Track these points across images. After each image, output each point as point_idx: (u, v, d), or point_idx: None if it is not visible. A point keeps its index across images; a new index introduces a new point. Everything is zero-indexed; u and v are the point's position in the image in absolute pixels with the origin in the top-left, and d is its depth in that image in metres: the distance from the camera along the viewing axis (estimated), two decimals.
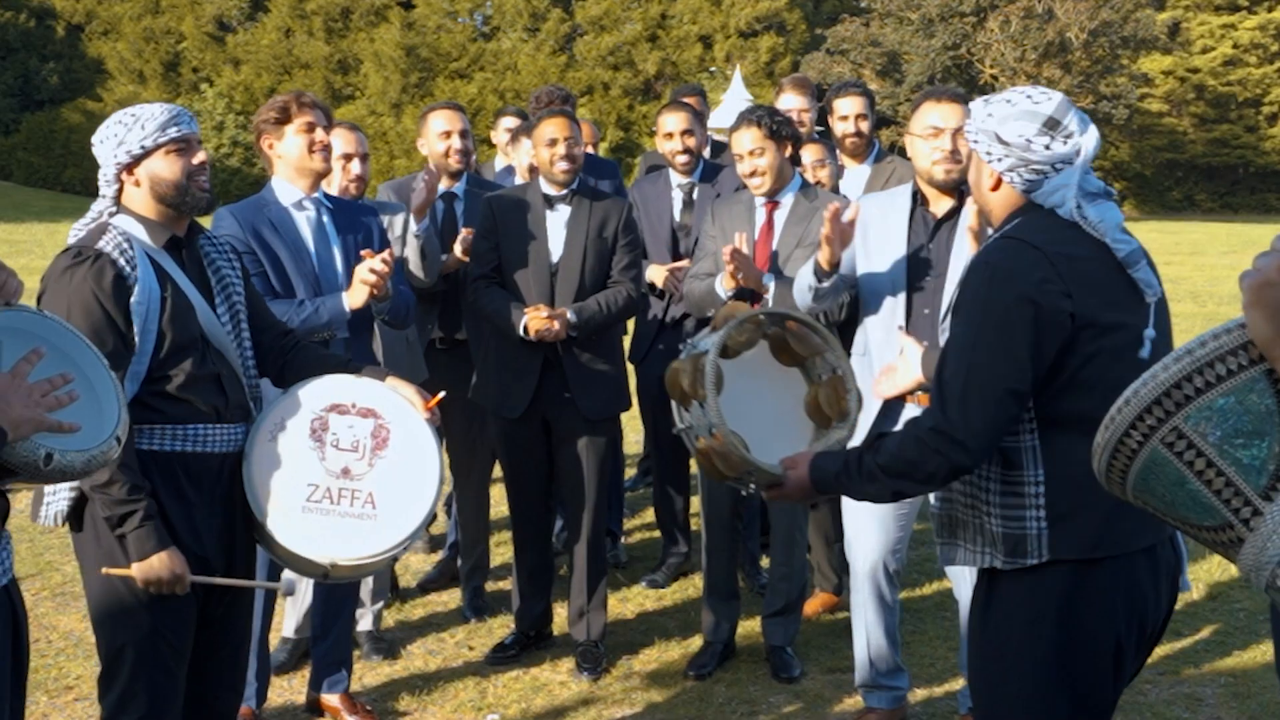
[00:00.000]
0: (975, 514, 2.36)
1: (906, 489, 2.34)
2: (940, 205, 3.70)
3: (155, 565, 2.75)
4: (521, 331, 4.24)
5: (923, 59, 37.44)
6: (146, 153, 2.84)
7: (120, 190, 2.90)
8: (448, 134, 4.94)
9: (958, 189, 3.68)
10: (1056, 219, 2.29)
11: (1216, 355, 1.50)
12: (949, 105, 3.63)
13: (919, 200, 3.74)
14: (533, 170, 5.12)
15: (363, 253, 3.79)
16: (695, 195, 5.24)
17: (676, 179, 5.31)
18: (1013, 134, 2.32)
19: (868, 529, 3.86)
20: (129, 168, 2.87)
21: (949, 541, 2.45)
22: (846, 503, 3.93)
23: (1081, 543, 2.26)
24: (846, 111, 5.24)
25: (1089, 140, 2.32)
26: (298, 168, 3.81)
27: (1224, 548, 1.53)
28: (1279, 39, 43.45)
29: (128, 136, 2.84)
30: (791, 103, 5.53)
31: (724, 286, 4.17)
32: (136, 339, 2.78)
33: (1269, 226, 34.33)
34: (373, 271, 3.70)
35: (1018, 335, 2.18)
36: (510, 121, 5.95)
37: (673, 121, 5.28)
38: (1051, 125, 2.31)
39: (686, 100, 5.75)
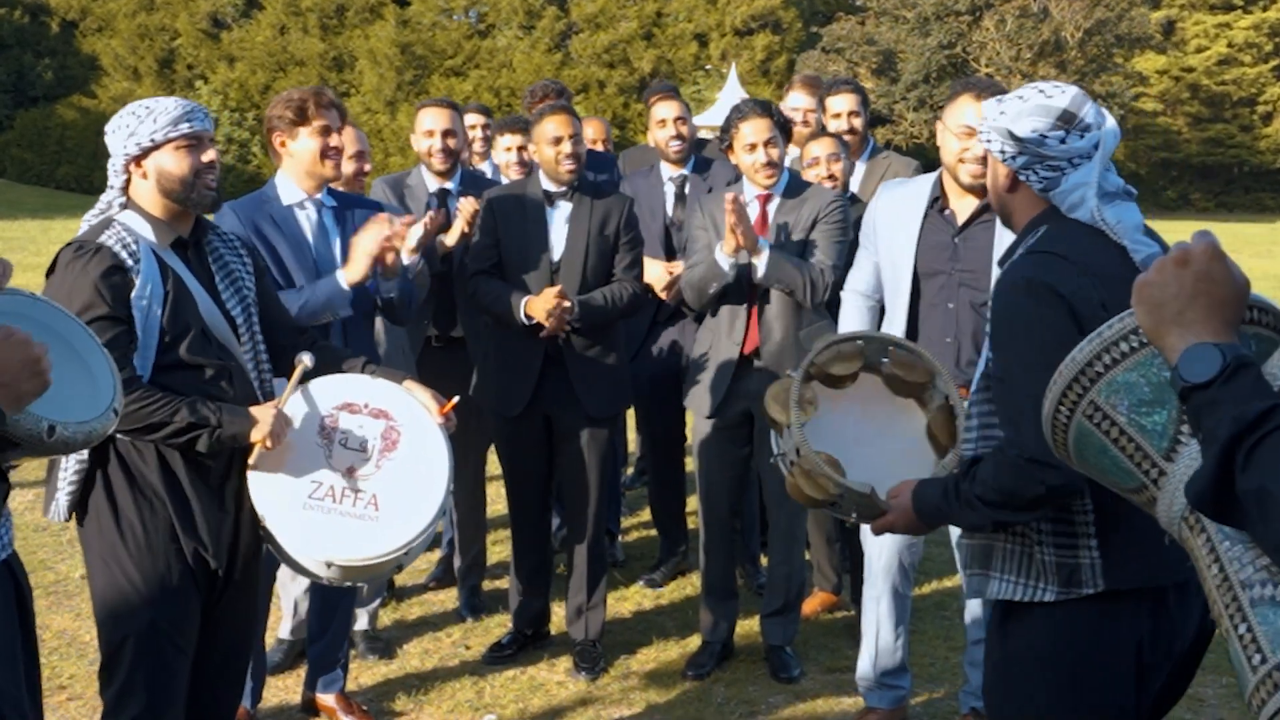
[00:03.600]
0: (1024, 543, 2.27)
1: (1008, 518, 2.23)
2: (963, 205, 3.65)
3: (263, 420, 2.79)
4: (522, 316, 4.20)
5: (918, 57, 37.47)
6: (156, 145, 2.82)
7: (128, 182, 2.88)
8: (430, 133, 4.89)
9: (984, 189, 3.62)
10: (1080, 228, 2.21)
11: (1121, 335, 1.67)
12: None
13: (937, 200, 3.68)
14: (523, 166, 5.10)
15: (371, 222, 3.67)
16: (687, 189, 5.20)
17: (668, 172, 5.25)
18: (1026, 129, 2.24)
19: None
20: (137, 160, 2.84)
21: (980, 573, 2.35)
22: None
23: (1137, 574, 2.18)
24: (840, 109, 5.19)
25: (1108, 134, 2.25)
26: (307, 170, 3.73)
27: (1149, 507, 1.68)
28: (1273, 38, 43.51)
29: (139, 128, 2.82)
30: (799, 102, 5.49)
31: (724, 252, 4.09)
32: (139, 333, 2.76)
33: (1264, 225, 34.40)
34: (387, 240, 3.57)
35: (1069, 346, 2.12)
36: (472, 119, 5.81)
37: (665, 109, 5.26)
38: (1066, 119, 2.23)
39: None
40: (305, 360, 2.98)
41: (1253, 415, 1.37)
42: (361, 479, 2.91)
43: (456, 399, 3.11)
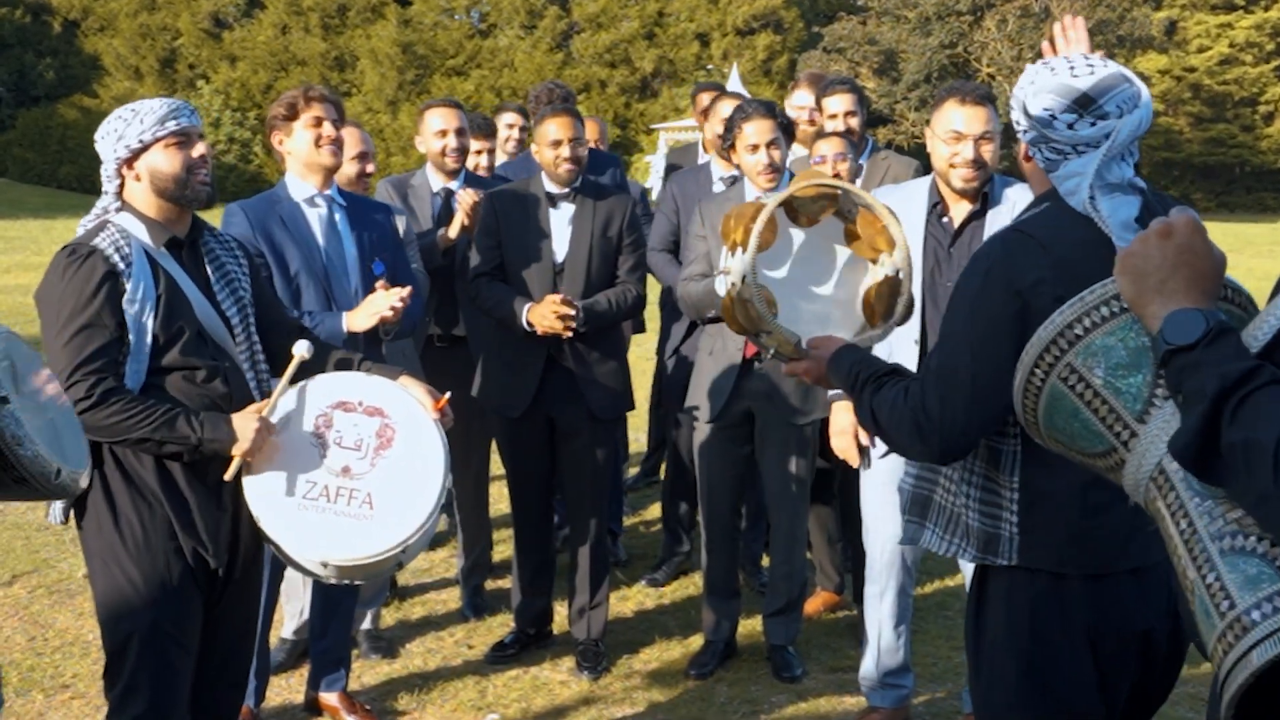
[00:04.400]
0: (955, 503, 2.32)
1: (885, 441, 2.33)
2: (959, 209, 3.60)
3: (244, 435, 2.78)
4: (525, 324, 4.21)
5: (919, 57, 37.46)
6: (145, 146, 2.83)
7: (122, 186, 2.89)
8: (444, 133, 4.89)
9: (979, 194, 3.57)
10: (1076, 214, 2.16)
11: (1102, 300, 1.71)
12: (974, 109, 3.46)
13: (936, 204, 3.64)
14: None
15: (379, 284, 3.77)
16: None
17: (719, 172, 5.14)
18: (1038, 107, 2.16)
19: (886, 517, 3.75)
20: (129, 162, 2.86)
21: (917, 521, 2.42)
22: (865, 491, 3.90)
23: (1048, 557, 2.22)
24: (836, 109, 5.07)
25: (1125, 125, 2.13)
26: (306, 163, 3.80)
27: (1114, 472, 1.72)
28: (1275, 38, 43.47)
29: (127, 131, 2.83)
30: (805, 100, 5.43)
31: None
32: (131, 336, 2.76)
33: (1265, 225, 34.38)
34: (392, 309, 3.70)
35: (1004, 340, 2.09)
36: (510, 118, 5.86)
37: (728, 107, 5.12)
38: (1083, 103, 2.13)
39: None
40: (302, 350, 2.95)
41: (1238, 374, 1.43)
42: (356, 477, 2.89)
43: (449, 394, 3.09)
